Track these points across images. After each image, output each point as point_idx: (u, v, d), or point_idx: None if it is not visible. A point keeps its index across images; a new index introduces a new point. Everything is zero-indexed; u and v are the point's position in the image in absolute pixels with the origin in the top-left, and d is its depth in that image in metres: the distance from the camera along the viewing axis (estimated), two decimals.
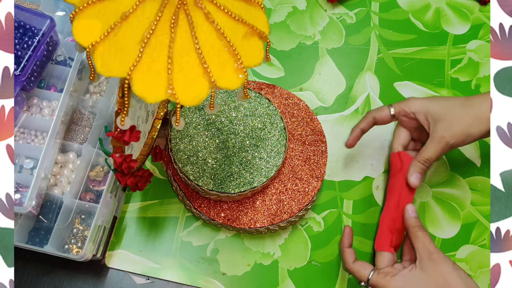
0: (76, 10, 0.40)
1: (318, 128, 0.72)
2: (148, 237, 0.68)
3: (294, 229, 0.69)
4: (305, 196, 0.67)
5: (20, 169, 0.64)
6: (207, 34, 0.41)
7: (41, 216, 0.64)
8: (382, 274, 0.59)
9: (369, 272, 0.60)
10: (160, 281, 0.66)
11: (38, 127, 0.66)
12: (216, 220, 0.66)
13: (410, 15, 0.85)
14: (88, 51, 0.39)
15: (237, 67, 0.41)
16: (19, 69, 0.59)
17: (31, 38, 0.61)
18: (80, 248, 0.64)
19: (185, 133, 0.67)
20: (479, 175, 0.74)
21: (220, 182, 0.64)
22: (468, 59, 0.82)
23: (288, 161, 0.69)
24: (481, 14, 0.86)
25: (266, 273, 0.67)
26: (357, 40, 0.83)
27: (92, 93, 0.71)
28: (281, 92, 0.74)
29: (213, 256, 0.67)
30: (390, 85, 0.79)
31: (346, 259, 0.63)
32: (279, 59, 0.81)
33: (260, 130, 0.68)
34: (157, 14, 0.40)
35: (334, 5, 0.85)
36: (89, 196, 0.66)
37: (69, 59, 0.70)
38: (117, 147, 0.50)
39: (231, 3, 0.43)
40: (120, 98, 0.42)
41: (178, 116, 0.41)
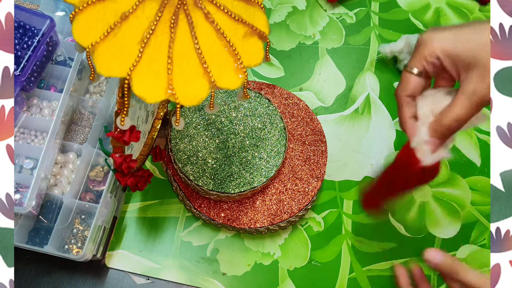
0: (76, 10, 0.40)
1: (318, 128, 0.72)
2: (148, 237, 0.68)
3: (294, 229, 0.69)
4: (305, 196, 0.67)
5: (20, 169, 0.64)
6: (207, 34, 0.41)
7: (41, 216, 0.64)
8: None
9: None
10: (160, 281, 0.66)
11: (38, 127, 0.66)
12: (216, 220, 0.66)
13: (410, 15, 0.85)
14: (88, 51, 0.39)
15: (237, 67, 0.41)
16: (19, 69, 0.59)
17: (31, 38, 0.61)
18: (80, 248, 0.64)
19: (185, 133, 0.67)
20: (479, 175, 0.74)
21: (220, 182, 0.64)
22: None
23: (288, 161, 0.69)
24: (481, 14, 0.86)
25: (266, 273, 0.67)
26: (357, 40, 0.83)
27: (92, 93, 0.71)
28: (281, 92, 0.74)
29: (213, 256, 0.67)
30: (390, 85, 0.79)
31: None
32: (279, 59, 0.81)
33: (260, 130, 0.68)
34: (157, 14, 0.40)
35: (334, 5, 0.85)
36: (89, 196, 0.66)
37: (69, 59, 0.70)
38: (117, 147, 0.50)
39: (231, 3, 0.43)
40: (120, 98, 0.42)
41: (178, 116, 0.41)
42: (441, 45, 0.46)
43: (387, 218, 0.71)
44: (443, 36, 0.46)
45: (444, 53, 0.46)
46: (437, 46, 0.46)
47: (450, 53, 0.46)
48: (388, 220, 0.71)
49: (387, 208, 0.63)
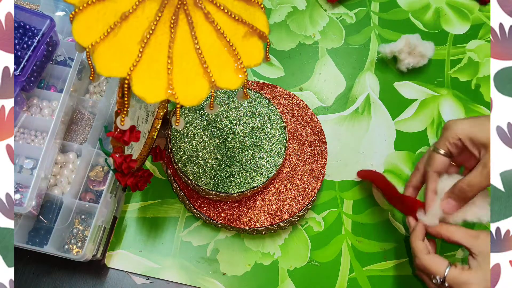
0: (76, 10, 0.40)
1: (318, 128, 0.72)
2: (148, 237, 0.68)
3: (294, 229, 0.69)
4: (305, 196, 0.67)
5: (20, 169, 0.64)
6: (207, 34, 0.41)
7: (41, 216, 0.64)
8: (459, 269, 0.54)
9: (446, 267, 0.54)
10: (160, 281, 0.66)
11: (38, 127, 0.66)
12: (216, 220, 0.66)
13: (410, 15, 0.85)
14: (88, 51, 0.39)
15: (237, 67, 0.41)
16: (19, 69, 0.59)
17: (31, 38, 0.61)
18: (80, 248, 0.64)
19: (185, 133, 0.67)
20: None
21: (220, 182, 0.64)
22: (468, 59, 0.82)
23: (288, 161, 0.69)
24: (481, 14, 0.86)
25: (266, 273, 0.67)
26: (357, 40, 0.83)
27: (92, 93, 0.71)
28: (281, 92, 0.74)
29: (213, 256, 0.67)
30: (390, 85, 0.79)
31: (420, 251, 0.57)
32: (279, 59, 0.81)
33: (260, 130, 0.68)
34: (157, 14, 0.40)
35: (334, 5, 0.85)
36: (89, 196, 0.66)
37: (69, 59, 0.70)
38: (117, 147, 0.50)
39: (231, 3, 0.43)
40: (120, 98, 0.41)
41: (178, 116, 0.41)
42: (461, 128, 0.56)
43: (387, 218, 0.71)
44: (463, 122, 0.57)
45: (464, 135, 0.56)
46: (458, 130, 0.56)
47: (469, 134, 0.56)
48: (388, 220, 0.71)
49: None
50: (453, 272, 0.54)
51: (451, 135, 0.57)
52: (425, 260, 0.56)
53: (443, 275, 0.54)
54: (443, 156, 0.59)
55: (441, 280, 0.54)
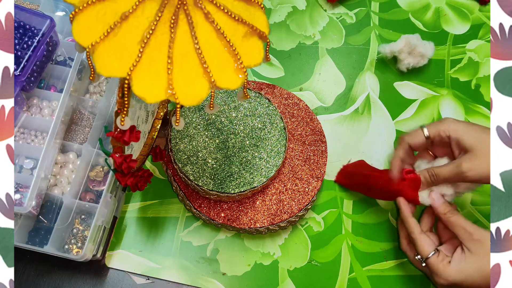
0: (76, 10, 0.40)
1: (318, 128, 0.72)
2: (148, 237, 0.68)
3: (294, 229, 0.69)
4: (305, 196, 0.67)
5: (20, 169, 0.64)
6: (207, 34, 0.41)
7: (41, 216, 0.64)
8: (441, 258, 0.57)
9: (431, 251, 0.58)
10: (160, 281, 0.66)
11: (38, 127, 0.66)
12: (216, 220, 0.66)
13: (410, 15, 0.85)
14: (88, 51, 0.39)
15: (237, 67, 0.41)
16: (19, 69, 0.59)
17: (31, 38, 0.61)
18: (80, 248, 0.64)
19: (185, 133, 0.67)
20: None
21: (220, 182, 0.64)
22: (468, 59, 0.82)
23: (288, 161, 0.69)
24: (481, 14, 0.86)
25: (266, 273, 0.67)
26: (357, 40, 0.83)
27: (92, 93, 0.71)
28: (281, 92, 0.74)
29: (213, 256, 0.67)
30: (390, 85, 0.79)
31: (412, 228, 0.60)
32: (279, 59, 0.81)
33: (260, 130, 0.68)
34: (157, 14, 0.40)
35: (334, 5, 0.85)
36: (89, 196, 0.66)
37: (69, 59, 0.70)
38: (117, 147, 0.50)
39: (231, 3, 0.43)
40: (120, 98, 0.42)
41: (178, 116, 0.41)
42: (455, 129, 0.59)
43: (387, 218, 0.71)
44: (459, 124, 0.60)
45: (455, 136, 0.59)
46: (452, 130, 0.59)
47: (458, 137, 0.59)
48: (388, 220, 0.71)
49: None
50: (434, 259, 0.57)
51: (443, 129, 0.60)
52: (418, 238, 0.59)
53: (425, 257, 0.58)
54: (424, 137, 0.61)
55: (422, 260, 0.58)
